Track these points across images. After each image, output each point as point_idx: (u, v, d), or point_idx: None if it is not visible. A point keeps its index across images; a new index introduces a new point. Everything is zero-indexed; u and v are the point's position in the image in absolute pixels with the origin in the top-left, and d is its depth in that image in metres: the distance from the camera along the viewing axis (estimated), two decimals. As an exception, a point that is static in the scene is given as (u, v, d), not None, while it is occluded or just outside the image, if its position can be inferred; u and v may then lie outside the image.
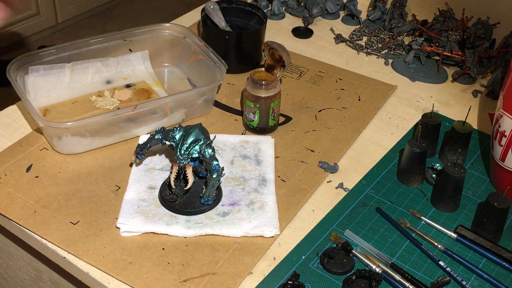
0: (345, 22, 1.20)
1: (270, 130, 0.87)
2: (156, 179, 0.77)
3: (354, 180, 0.81)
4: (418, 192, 0.79)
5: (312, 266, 0.68)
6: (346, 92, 0.97)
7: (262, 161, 0.81)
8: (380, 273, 0.67)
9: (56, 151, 0.81)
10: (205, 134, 0.73)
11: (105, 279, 0.66)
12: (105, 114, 0.77)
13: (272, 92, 0.83)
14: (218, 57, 0.88)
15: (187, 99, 0.86)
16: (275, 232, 0.71)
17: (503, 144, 0.76)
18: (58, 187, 0.76)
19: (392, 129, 0.91)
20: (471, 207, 0.77)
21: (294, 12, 1.20)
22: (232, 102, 0.93)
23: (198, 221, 0.71)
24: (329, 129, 0.89)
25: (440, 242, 0.72)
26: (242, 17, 1.04)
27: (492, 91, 0.99)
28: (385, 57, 1.08)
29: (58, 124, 0.75)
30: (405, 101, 0.97)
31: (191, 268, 0.66)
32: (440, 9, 1.15)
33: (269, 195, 0.75)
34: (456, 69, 1.06)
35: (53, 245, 0.69)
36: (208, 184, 0.72)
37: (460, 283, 0.67)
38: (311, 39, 1.13)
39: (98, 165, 0.80)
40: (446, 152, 0.84)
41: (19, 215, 0.72)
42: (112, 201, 0.74)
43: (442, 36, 1.06)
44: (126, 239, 0.69)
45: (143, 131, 0.84)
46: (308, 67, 1.03)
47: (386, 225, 0.74)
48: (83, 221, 0.71)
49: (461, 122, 0.82)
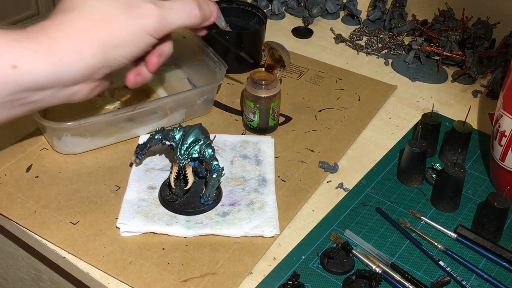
0: (345, 22, 1.20)
1: (270, 130, 0.87)
2: (156, 179, 0.77)
3: (354, 180, 0.81)
4: (418, 192, 0.79)
5: (312, 266, 0.68)
6: (346, 92, 0.97)
7: (262, 161, 0.81)
8: (380, 273, 0.67)
9: (56, 151, 0.81)
10: (205, 134, 0.73)
11: (105, 279, 0.66)
12: (105, 114, 0.77)
13: (272, 92, 0.83)
14: (218, 57, 0.88)
15: (187, 99, 0.86)
16: (275, 232, 0.71)
17: (503, 144, 0.76)
18: (58, 187, 0.76)
19: (392, 129, 0.91)
20: (471, 207, 0.77)
21: (294, 12, 1.20)
22: (232, 102, 0.93)
23: (198, 221, 0.71)
24: (329, 129, 0.89)
25: (440, 242, 0.72)
26: (242, 17, 1.04)
27: (492, 91, 0.99)
28: (385, 57, 1.08)
29: (58, 124, 0.75)
30: (405, 101, 0.97)
31: (191, 268, 0.66)
32: (440, 9, 1.15)
33: (269, 195, 0.75)
34: (456, 69, 1.06)
35: (53, 245, 0.69)
36: (208, 184, 0.72)
37: (460, 283, 0.67)
38: (311, 39, 1.13)
39: (98, 165, 0.80)
40: (446, 152, 0.84)
41: (19, 215, 0.72)
42: (112, 201, 0.74)
43: (442, 36, 1.06)
44: (126, 239, 0.69)
45: (143, 131, 0.84)
46: (308, 67, 1.03)
47: (386, 225, 0.74)
48: (83, 221, 0.71)
49: (461, 122, 0.82)
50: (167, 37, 0.67)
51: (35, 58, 0.55)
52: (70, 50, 0.57)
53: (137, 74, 0.68)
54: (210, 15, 0.69)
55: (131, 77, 0.68)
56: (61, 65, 0.57)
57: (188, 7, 0.65)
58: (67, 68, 0.57)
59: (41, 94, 0.58)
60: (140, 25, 0.60)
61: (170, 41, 0.68)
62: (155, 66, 0.67)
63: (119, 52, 0.60)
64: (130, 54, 0.61)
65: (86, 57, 0.58)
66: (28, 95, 0.57)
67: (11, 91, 0.55)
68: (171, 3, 0.64)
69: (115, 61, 0.61)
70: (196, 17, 0.66)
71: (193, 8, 0.65)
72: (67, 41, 0.57)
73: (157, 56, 0.67)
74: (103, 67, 0.60)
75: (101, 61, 0.59)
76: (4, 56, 0.54)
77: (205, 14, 0.67)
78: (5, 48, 0.54)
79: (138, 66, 0.68)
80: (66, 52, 0.57)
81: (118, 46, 0.60)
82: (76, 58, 0.57)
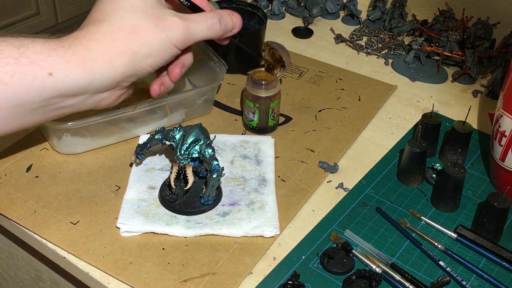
0: (345, 22, 1.20)
1: (269, 130, 0.87)
2: (156, 179, 0.77)
3: (354, 180, 0.81)
4: (418, 192, 0.79)
5: (312, 266, 0.68)
6: (346, 92, 0.97)
7: (262, 161, 0.81)
8: (380, 273, 0.67)
9: (56, 151, 0.81)
10: (205, 134, 0.73)
11: (105, 279, 0.66)
12: (105, 114, 0.77)
13: (271, 92, 0.83)
14: (218, 57, 0.88)
15: (187, 99, 0.86)
16: (275, 232, 0.71)
17: (503, 144, 0.76)
18: (58, 187, 0.76)
19: (392, 129, 0.91)
20: (471, 207, 0.77)
21: (294, 12, 1.20)
22: (232, 102, 0.93)
23: (198, 221, 0.71)
24: (329, 129, 0.89)
25: (440, 242, 0.72)
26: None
27: (492, 91, 0.99)
28: (385, 57, 1.08)
29: (58, 124, 0.75)
30: (405, 101, 0.97)
31: (191, 268, 0.66)
32: (440, 9, 1.15)
33: (269, 195, 0.75)
34: (456, 69, 1.06)
35: (53, 245, 0.69)
36: (208, 184, 0.72)
37: (460, 283, 0.67)
38: (311, 39, 1.13)
39: (98, 165, 0.80)
40: (446, 152, 0.84)
41: (19, 215, 0.72)
42: (112, 201, 0.74)
43: (442, 36, 1.06)
44: (126, 239, 0.70)
45: (143, 131, 0.84)
46: (308, 67, 1.03)
47: (386, 225, 0.74)
48: (83, 221, 0.71)
49: (461, 122, 0.82)
50: (188, 48, 0.71)
51: (69, 66, 0.59)
52: (102, 59, 0.61)
53: (161, 84, 0.72)
54: (234, 27, 0.73)
55: (156, 87, 0.72)
56: (93, 73, 0.60)
57: (210, 21, 0.69)
58: (98, 76, 0.61)
59: (73, 100, 0.62)
60: (167, 36, 0.64)
61: (191, 53, 0.72)
62: (177, 77, 0.72)
63: (146, 61, 0.64)
64: (155, 64, 0.66)
65: (117, 66, 0.62)
66: (60, 101, 0.61)
67: (46, 97, 0.59)
68: (194, 17, 0.67)
69: (142, 70, 0.65)
70: (216, 30, 0.70)
71: (215, 22, 0.69)
72: (99, 50, 0.61)
73: (180, 67, 0.71)
74: (131, 76, 0.65)
75: (130, 70, 0.63)
76: (41, 63, 0.58)
77: (227, 27, 0.71)
78: (42, 56, 0.58)
79: (161, 76, 0.73)
80: (99, 60, 0.60)
81: (146, 56, 0.64)
82: (107, 66, 0.61)
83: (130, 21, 0.62)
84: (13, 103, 0.58)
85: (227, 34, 0.72)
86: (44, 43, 0.59)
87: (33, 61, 0.58)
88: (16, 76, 0.57)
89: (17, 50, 0.58)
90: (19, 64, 0.57)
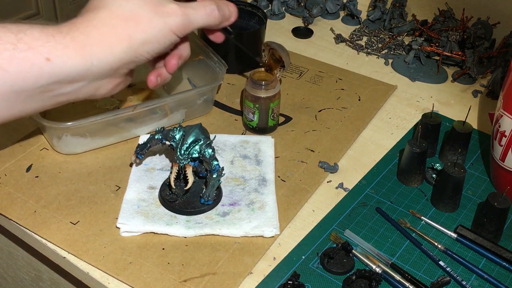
0: (345, 22, 1.20)
1: (269, 130, 0.87)
2: (156, 179, 0.77)
3: (354, 180, 0.81)
4: (418, 192, 0.79)
5: (312, 266, 0.68)
6: (346, 92, 0.97)
7: (262, 161, 0.81)
8: (380, 273, 0.67)
9: (56, 151, 0.81)
10: (205, 134, 0.73)
11: (105, 279, 0.66)
12: (105, 114, 0.77)
13: (271, 92, 0.83)
14: (218, 57, 0.88)
15: (187, 99, 0.86)
16: (275, 232, 0.71)
17: (503, 144, 0.76)
18: (58, 187, 0.76)
19: (392, 129, 0.91)
20: (471, 207, 0.77)
21: (294, 12, 1.20)
22: (232, 102, 0.93)
23: (198, 221, 0.71)
24: (329, 129, 0.89)
25: (440, 242, 0.72)
26: (242, 17, 1.04)
27: (492, 91, 0.99)
28: (385, 57, 1.08)
29: (58, 124, 0.75)
30: (405, 101, 0.97)
31: (191, 268, 0.66)
32: (440, 9, 1.15)
33: (269, 195, 0.75)
34: (456, 69, 1.06)
35: (53, 245, 0.69)
36: (208, 184, 0.72)
37: (460, 283, 0.67)
38: (311, 39, 1.13)
39: (98, 165, 0.80)
40: (446, 152, 0.84)
41: (19, 215, 0.72)
42: (112, 201, 0.74)
43: (442, 36, 1.06)
44: (126, 239, 0.69)
45: (143, 131, 0.84)
46: (308, 67, 1.03)
47: (386, 225, 0.74)
48: (83, 221, 0.71)
49: (461, 122, 0.82)
50: (185, 39, 0.71)
51: (67, 52, 0.59)
52: (101, 45, 0.61)
53: (158, 75, 0.73)
54: (230, 15, 0.73)
55: (153, 78, 0.73)
56: (91, 59, 0.60)
57: (208, 8, 0.69)
58: (96, 62, 0.61)
59: (70, 87, 0.61)
60: (166, 23, 0.64)
61: (188, 44, 0.73)
62: (174, 68, 0.72)
63: (145, 48, 0.64)
64: (154, 51, 0.65)
65: (115, 52, 0.62)
66: (58, 87, 0.60)
67: (44, 83, 0.59)
68: (192, 4, 0.68)
69: (141, 57, 0.64)
70: (215, 17, 0.70)
71: (213, 8, 0.69)
72: (98, 36, 0.61)
73: (177, 58, 0.72)
74: (130, 63, 0.64)
75: (128, 56, 0.63)
76: (39, 49, 0.57)
77: (224, 15, 0.71)
78: (40, 42, 0.58)
79: (158, 67, 0.73)
80: (97, 46, 0.60)
81: (144, 42, 0.63)
82: (105, 52, 0.61)
83: (129, 8, 0.62)
84: (11, 89, 0.57)
85: (224, 23, 0.73)
86: (42, 29, 0.59)
87: (31, 47, 0.57)
88: (14, 62, 0.56)
89: (15, 36, 0.57)
90: (17, 49, 0.56)
